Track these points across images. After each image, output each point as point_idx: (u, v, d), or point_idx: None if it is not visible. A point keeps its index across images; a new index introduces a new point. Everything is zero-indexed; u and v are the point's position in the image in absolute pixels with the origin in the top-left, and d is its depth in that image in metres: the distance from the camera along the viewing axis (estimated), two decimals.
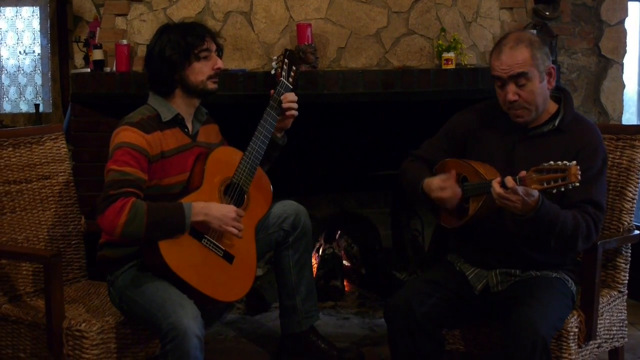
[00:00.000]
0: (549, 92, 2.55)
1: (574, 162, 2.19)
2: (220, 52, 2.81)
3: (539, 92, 2.50)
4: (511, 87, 2.48)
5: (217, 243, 2.64)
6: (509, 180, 2.28)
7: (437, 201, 2.56)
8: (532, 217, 2.33)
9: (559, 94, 2.62)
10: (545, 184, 2.21)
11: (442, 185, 2.52)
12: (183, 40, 2.69)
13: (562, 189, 2.20)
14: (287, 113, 2.88)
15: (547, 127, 2.56)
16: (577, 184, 2.18)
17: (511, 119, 2.57)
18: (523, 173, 2.29)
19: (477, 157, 2.60)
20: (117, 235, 2.49)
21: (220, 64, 2.78)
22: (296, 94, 2.93)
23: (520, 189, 2.27)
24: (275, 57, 2.98)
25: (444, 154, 2.70)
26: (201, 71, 2.72)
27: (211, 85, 2.76)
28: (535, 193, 2.28)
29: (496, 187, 2.31)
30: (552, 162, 2.21)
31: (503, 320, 2.44)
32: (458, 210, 2.54)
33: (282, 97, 2.86)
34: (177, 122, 2.72)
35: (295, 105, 2.90)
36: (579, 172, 2.17)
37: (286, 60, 2.92)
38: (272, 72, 2.95)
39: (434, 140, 2.78)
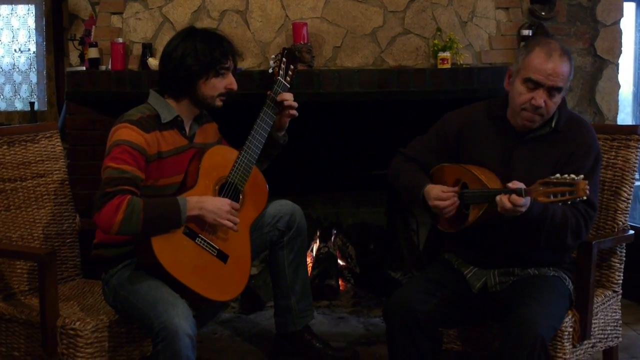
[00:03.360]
0: None
1: (581, 176, 2.19)
2: (234, 69, 2.78)
3: (557, 105, 2.50)
4: (544, 94, 2.45)
5: (211, 242, 2.64)
6: (516, 200, 2.28)
7: (433, 209, 2.56)
8: (524, 214, 2.34)
9: None
10: (552, 197, 2.22)
11: (441, 195, 2.51)
12: (210, 53, 2.65)
13: (569, 202, 2.21)
14: (290, 112, 2.87)
15: (544, 129, 2.55)
16: (585, 198, 2.18)
17: (510, 123, 2.56)
18: (518, 184, 2.30)
19: (472, 161, 2.59)
20: (114, 232, 2.47)
21: (234, 85, 2.74)
22: (292, 94, 2.92)
23: (525, 201, 2.29)
24: (273, 56, 2.96)
25: (435, 156, 2.69)
26: (215, 87, 2.69)
27: (218, 103, 2.73)
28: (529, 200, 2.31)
29: (506, 203, 2.30)
30: (558, 176, 2.22)
31: (501, 320, 2.45)
32: (457, 215, 2.54)
33: (279, 97, 2.85)
34: (176, 123, 2.71)
35: (295, 105, 2.89)
36: (588, 187, 2.18)
37: (284, 59, 2.91)
38: (270, 70, 2.94)
39: (425, 140, 2.75)
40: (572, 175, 2.19)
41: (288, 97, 2.86)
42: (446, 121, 2.74)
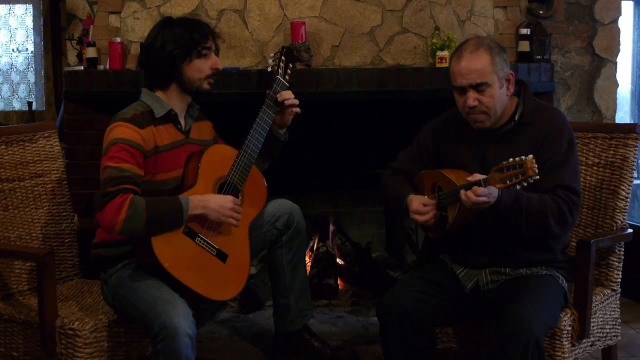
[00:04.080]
0: (507, 98, 2.56)
1: (530, 155, 2.22)
2: (217, 51, 2.80)
3: (498, 97, 2.51)
4: (472, 94, 2.51)
5: (210, 242, 2.63)
6: (477, 190, 2.32)
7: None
8: (496, 205, 2.37)
9: (518, 88, 2.63)
10: (508, 182, 2.27)
11: (420, 210, 2.57)
12: (188, 35, 2.67)
13: (525, 184, 2.24)
14: (293, 110, 2.88)
15: (510, 125, 2.58)
16: (537, 177, 2.22)
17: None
18: (479, 176, 2.34)
19: (451, 165, 2.63)
20: (117, 232, 2.47)
21: (219, 64, 2.76)
22: (292, 92, 2.91)
23: (485, 191, 2.32)
24: (272, 55, 2.97)
25: (419, 165, 2.75)
26: (200, 69, 2.70)
27: (206, 85, 2.74)
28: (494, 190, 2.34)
29: (469, 196, 2.34)
30: (510, 160, 2.25)
31: (495, 319, 2.45)
32: (440, 220, 2.57)
33: (278, 95, 2.85)
34: (170, 118, 2.71)
35: (297, 102, 2.89)
36: (535, 165, 2.21)
37: (283, 58, 2.91)
38: (269, 69, 2.94)
39: (409, 152, 2.82)
40: (522, 157, 2.23)
41: (289, 96, 2.86)
42: (425, 130, 2.81)
